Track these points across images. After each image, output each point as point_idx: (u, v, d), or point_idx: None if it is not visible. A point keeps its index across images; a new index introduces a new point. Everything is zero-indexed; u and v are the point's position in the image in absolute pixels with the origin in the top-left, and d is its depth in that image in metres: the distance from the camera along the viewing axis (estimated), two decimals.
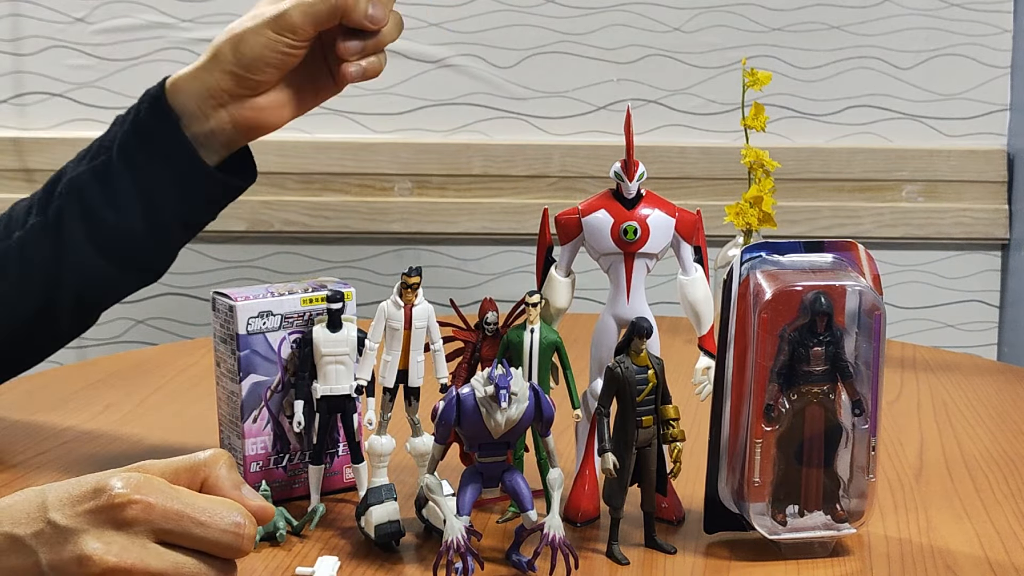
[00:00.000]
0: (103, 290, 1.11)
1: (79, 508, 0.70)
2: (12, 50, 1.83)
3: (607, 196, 0.94)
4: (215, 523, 0.71)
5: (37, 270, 1.08)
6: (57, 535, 0.70)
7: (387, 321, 0.92)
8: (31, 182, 1.83)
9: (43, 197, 1.10)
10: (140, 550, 0.70)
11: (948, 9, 1.84)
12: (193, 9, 1.83)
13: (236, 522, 0.72)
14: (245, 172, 1.12)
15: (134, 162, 1.07)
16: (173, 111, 1.07)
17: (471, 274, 1.89)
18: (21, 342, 1.12)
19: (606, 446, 0.88)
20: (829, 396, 0.90)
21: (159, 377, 1.36)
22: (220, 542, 0.72)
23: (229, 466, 0.76)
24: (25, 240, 1.08)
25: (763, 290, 0.88)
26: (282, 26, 1.03)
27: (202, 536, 0.71)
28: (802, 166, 1.84)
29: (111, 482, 0.70)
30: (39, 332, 1.12)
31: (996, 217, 1.86)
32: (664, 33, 1.84)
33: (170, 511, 0.70)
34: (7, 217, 1.12)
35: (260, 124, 1.08)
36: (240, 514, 0.72)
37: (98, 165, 1.08)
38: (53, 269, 1.08)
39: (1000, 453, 1.14)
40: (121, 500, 0.69)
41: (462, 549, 0.83)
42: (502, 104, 1.86)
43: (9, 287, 1.08)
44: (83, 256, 1.07)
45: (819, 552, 0.91)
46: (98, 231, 1.07)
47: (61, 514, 0.70)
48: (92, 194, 1.07)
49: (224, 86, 1.06)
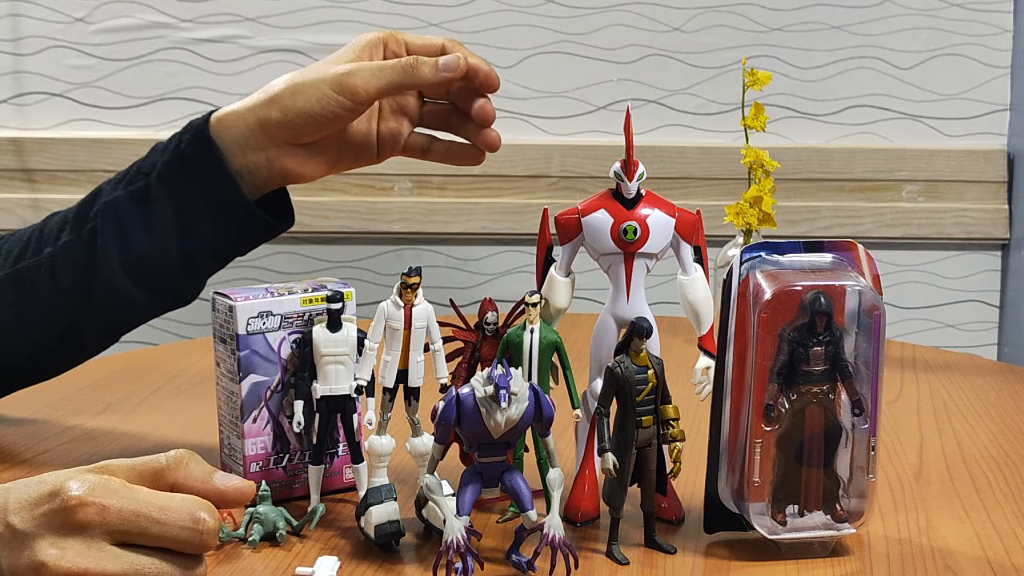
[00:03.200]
0: (130, 312, 1.10)
1: (35, 512, 0.70)
2: (12, 50, 1.84)
3: (607, 196, 0.94)
4: (172, 520, 0.71)
5: (67, 289, 1.07)
6: (15, 539, 0.70)
7: (387, 321, 0.92)
8: (31, 182, 1.83)
9: (77, 215, 1.09)
10: (96, 553, 0.70)
11: (948, 9, 1.84)
12: (193, 9, 1.83)
13: (194, 517, 0.71)
14: (282, 215, 1.11)
15: (174, 189, 1.06)
16: (216, 144, 1.06)
17: (471, 274, 1.89)
18: (43, 356, 1.12)
19: (606, 446, 0.88)
20: (829, 396, 0.89)
21: (159, 377, 1.36)
22: (179, 539, 0.71)
23: (195, 461, 0.75)
24: (56, 256, 1.07)
25: (763, 290, 0.88)
26: (344, 87, 1.01)
27: (160, 534, 0.71)
28: (802, 166, 1.84)
29: (67, 485, 0.70)
30: (63, 349, 1.11)
31: (996, 217, 1.86)
32: (664, 33, 1.84)
33: (125, 511, 0.70)
34: (39, 230, 1.11)
35: (294, 174, 1.07)
36: (201, 509, 0.72)
37: (136, 190, 1.07)
38: (83, 289, 1.07)
39: (1000, 453, 1.14)
40: (75, 503, 0.69)
41: (462, 549, 0.83)
42: (502, 104, 1.85)
43: (38, 304, 1.08)
44: (114, 278, 1.07)
45: (819, 552, 0.91)
46: (131, 255, 1.06)
47: (19, 517, 0.70)
48: (128, 218, 1.06)
49: (269, 130, 1.04)
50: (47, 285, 1.07)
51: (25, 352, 1.10)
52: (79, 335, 1.10)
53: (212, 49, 1.84)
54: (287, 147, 1.06)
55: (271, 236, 1.11)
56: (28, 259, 1.08)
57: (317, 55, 1.82)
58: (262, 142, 1.05)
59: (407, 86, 1.03)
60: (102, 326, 1.10)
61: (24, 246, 1.10)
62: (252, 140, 1.05)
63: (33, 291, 1.08)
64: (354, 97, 1.01)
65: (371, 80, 1.01)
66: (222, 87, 1.84)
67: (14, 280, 1.08)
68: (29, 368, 1.13)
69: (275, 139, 1.05)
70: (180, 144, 1.07)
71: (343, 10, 1.83)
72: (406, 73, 1.02)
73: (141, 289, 1.08)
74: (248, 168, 1.06)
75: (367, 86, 1.01)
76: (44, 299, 1.07)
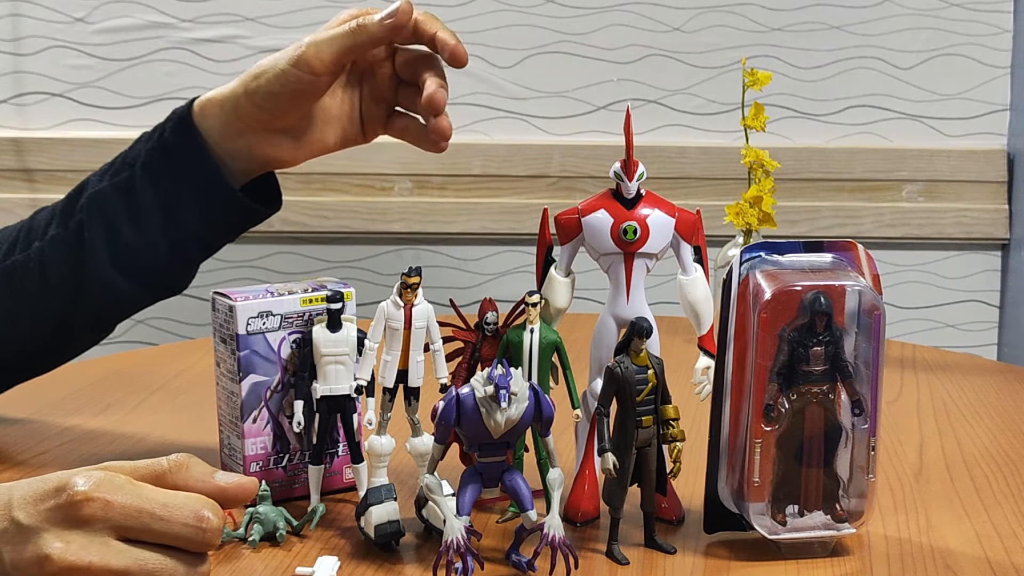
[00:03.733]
0: (121, 305, 1.10)
1: (41, 507, 0.70)
2: (12, 50, 1.84)
3: (607, 196, 0.94)
4: (176, 517, 0.71)
5: (56, 284, 1.07)
6: (19, 534, 0.70)
7: (387, 321, 0.92)
8: (31, 182, 1.83)
9: (64, 208, 1.09)
10: (100, 548, 0.70)
11: (948, 9, 1.84)
12: (193, 9, 1.83)
13: (198, 515, 0.72)
14: (269, 200, 1.11)
15: (158, 179, 1.06)
16: (200, 132, 1.06)
17: (471, 274, 1.89)
18: (34, 352, 1.12)
19: (606, 446, 0.88)
20: (829, 396, 0.89)
21: (159, 377, 1.36)
22: (182, 536, 0.72)
23: (195, 463, 0.75)
24: (44, 251, 1.07)
25: (763, 290, 0.88)
26: (300, 61, 1.01)
27: (163, 531, 0.71)
28: (802, 166, 1.84)
29: (72, 480, 0.70)
30: (54, 343, 1.11)
31: (996, 217, 1.86)
32: (664, 33, 1.84)
33: (130, 507, 0.70)
34: (27, 226, 1.11)
35: (276, 159, 1.07)
36: (205, 507, 0.72)
37: (121, 181, 1.07)
38: (72, 283, 1.07)
39: (1000, 453, 1.14)
40: (80, 498, 0.70)
41: (462, 549, 0.83)
42: (502, 104, 1.86)
43: (28, 299, 1.08)
44: (102, 271, 1.06)
45: (819, 552, 0.91)
46: (118, 247, 1.06)
47: (24, 512, 0.70)
48: (114, 209, 1.06)
49: (243, 114, 1.05)
50: (36, 280, 1.07)
51: (15, 348, 1.10)
52: (69, 329, 1.10)
53: (212, 49, 1.84)
54: (265, 133, 1.06)
55: (259, 221, 1.11)
56: (17, 255, 1.08)
57: None
58: (240, 129, 1.05)
59: (359, 45, 1.02)
60: (92, 320, 1.10)
61: (13, 242, 1.10)
62: (231, 127, 1.05)
63: (23, 287, 1.07)
64: (311, 69, 1.01)
65: (324, 48, 1.01)
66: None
67: (3, 276, 1.08)
68: (19, 365, 1.13)
69: (251, 125, 1.05)
70: (164, 133, 1.07)
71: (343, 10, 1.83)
72: (355, 33, 1.01)
73: (130, 281, 1.07)
74: (231, 155, 1.06)
75: (320, 54, 1.01)
76: (34, 295, 1.07)
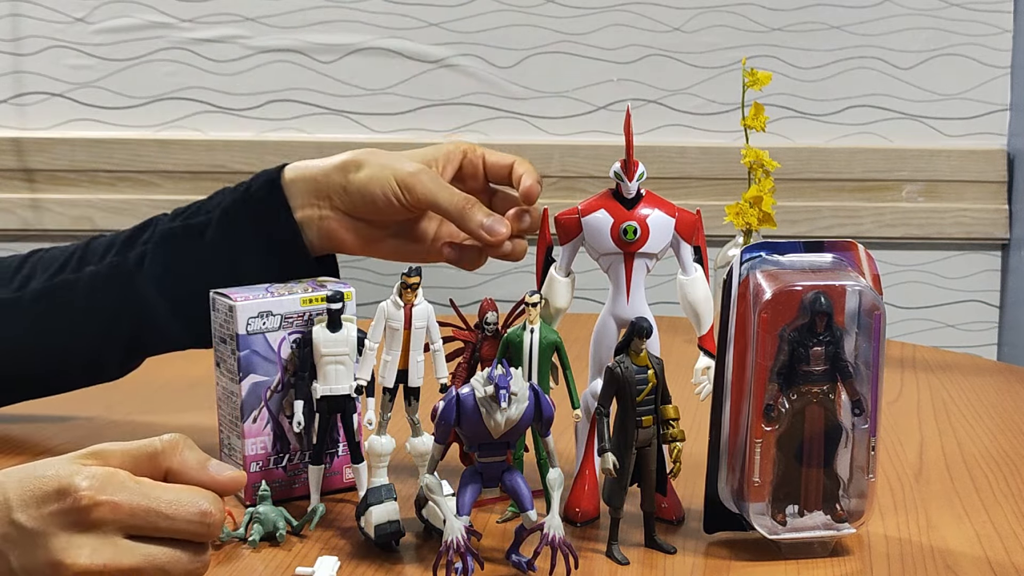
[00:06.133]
0: (157, 341, 1.12)
1: (44, 510, 0.70)
2: (12, 50, 1.84)
3: (607, 196, 0.94)
4: (181, 514, 0.73)
5: (100, 308, 1.08)
6: (24, 538, 0.70)
7: (387, 321, 0.92)
8: (31, 182, 1.83)
9: (127, 240, 1.10)
10: (111, 549, 0.71)
11: (948, 9, 1.84)
12: (193, 9, 1.83)
13: (202, 511, 0.73)
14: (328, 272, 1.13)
15: (235, 227, 1.08)
16: (284, 193, 1.08)
17: (471, 274, 1.89)
18: (61, 371, 1.13)
19: (606, 446, 0.88)
20: (829, 396, 0.89)
21: (159, 377, 1.36)
22: (187, 531, 0.73)
23: (190, 447, 0.77)
24: (98, 275, 1.08)
25: (763, 290, 0.88)
26: (406, 183, 1.05)
27: (169, 527, 0.73)
28: (802, 166, 1.84)
29: (75, 482, 0.71)
30: (82, 366, 1.12)
31: (996, 217, 1.86)
32: (664, 33, 1.84)
33: (137, 508, 0.71)
34: (81, 249, 1.12)
35: (338, 237, 1.10)
36: (207, 501, 0.74)
37: (195, 223, 1.09)
38: (116, 311, 1.08)
39: (1000, 453, 1.14)
40: (87, 503, 0.70)
41: (462, 549, 0.83)
42: (502, 104, 1.86)
43: (69, 318, 1.09)
44: (154, 307, 1.08)
45: (819, 552, 0.91)
46: (173, 285, 1.08)
47: (26, 515, 0.70)
48: (180, 248, 1.08)
49: (331, 193, 1.07)
50: (82, 301, 1.08)
51: (45, 365, 1.11)
52: (100, 355, 1.11)
53: (212, 49, 1.84)
54: (339, 212, 1.08)
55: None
56: (67, 274, 1.10)
57: (317, 55, 1.82)
58: (321, 203, 1.08)
59: (451, 219, 1.06)
60: (126, 351, 1.12)
61: (64, 262, 1.11)
62: (312, 197, 1.08)
63: (66, 305, 1.09)
64: (410, 195, 1.05)
65: (428, 194, 1.05)
66: (222, 87, 1.84)
67: (49, 293, 1.09)
68: (45, 381, 1.14)
69: (333, 204, 1.08)
70: (250, 188, 1.10)
71: (343, 10, 1.83)
72: (456, 209, 1.04)
73: (177, 320, 1.09)
74: (302, 221, 1.09)
75: (425, 196, 1.05)
76: (76, 314, 1.09)
